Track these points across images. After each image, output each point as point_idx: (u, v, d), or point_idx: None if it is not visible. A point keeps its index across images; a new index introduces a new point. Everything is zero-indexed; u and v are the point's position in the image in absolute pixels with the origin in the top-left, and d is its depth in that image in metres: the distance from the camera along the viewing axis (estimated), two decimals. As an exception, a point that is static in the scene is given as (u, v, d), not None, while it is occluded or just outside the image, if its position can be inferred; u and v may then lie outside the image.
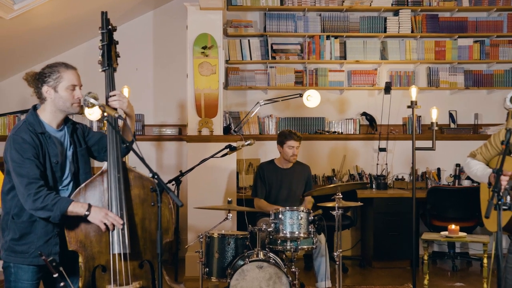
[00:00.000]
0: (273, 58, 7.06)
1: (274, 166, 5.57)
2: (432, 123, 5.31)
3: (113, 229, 2.98)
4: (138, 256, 3.08)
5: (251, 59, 7.05)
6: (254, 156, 7.02)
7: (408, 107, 5.33)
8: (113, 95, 3.19)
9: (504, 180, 3.30)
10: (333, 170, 7.10)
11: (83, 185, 3.07)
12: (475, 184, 6.89)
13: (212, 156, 4.83)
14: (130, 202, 3.09)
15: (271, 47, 7.07)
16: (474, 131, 7.23)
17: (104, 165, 3.11)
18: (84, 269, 3.02)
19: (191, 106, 6.25)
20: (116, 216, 2.98)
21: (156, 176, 2.78)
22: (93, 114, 6.47)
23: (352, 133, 7.15)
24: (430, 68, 7.19)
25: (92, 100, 3.03)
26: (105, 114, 3.07)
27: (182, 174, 4.74)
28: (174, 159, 7.14)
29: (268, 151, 6.95)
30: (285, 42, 7.14)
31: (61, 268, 2.81)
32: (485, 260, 5.19)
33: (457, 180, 6.98)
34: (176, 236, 6.74)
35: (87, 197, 3.04)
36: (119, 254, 3.00)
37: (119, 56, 3.34)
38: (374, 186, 6.93)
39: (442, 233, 5.25)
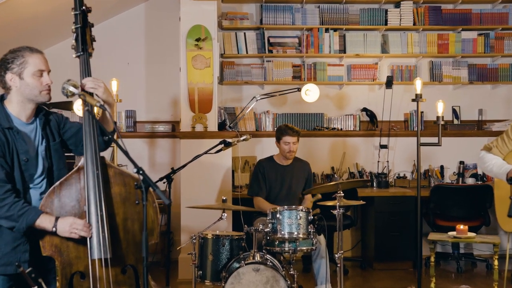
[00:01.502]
0: (270, 51, 6.79)
1: (274, 163, 5.32)
2: (438, 117, 5.05)
3: (90, 236, 2.71)
4: (120, 261, 2.81)
5: (247, 52, 6.78)
6: (250, 153, 6.76)
7: (413, 100, 5.08)
8: (87, 81, 2.86)
9: None
10: (332, 168, 6.84)
11: (57, 183, 2.79)
12: (479, 183, 6.66)
13: (205, 152, 4.56)
14: (111, 201, 2.82)
15: (268, 40, 6.81)
16: (478, 128, 6.97)
17: (81, 160, 2.83)
18: (60, 276, 2.74)
19: (184, 101, 5.98)
20: (85, 224, 2.70)
21: (141, 172, 2.51)
22: (81, 111, 6.20)
23: (352, 129, 6.89)
24: (432, 62, 6.93)
25: (71, 88, 2.76)
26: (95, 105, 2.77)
27: (173, 171, 4.48)
28: (167, 157, 6.87)
29: (265, 148, 6.69)
30: (282, 35, 6.87)
31: (40, 280, 2.54)
32: (495, 262, 4.92)
33: (461, 178, 6.72)
34: (168, 236, 6.48)
35: (62, 196, 2.77)
36: (99, 259, 2.73)
37: (94, 40, 3.06)
38: (375, 185, 6.67)
39: (450, 233, 4.99)
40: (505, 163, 3.68)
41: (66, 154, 3.08)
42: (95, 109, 2.91)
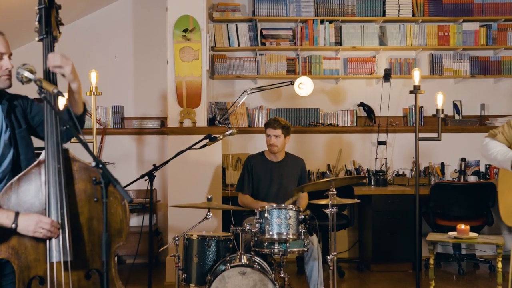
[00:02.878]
0: (263, 44, 6.52)
1: (264, 158, 5.04)
2: (437, 110, 4.77)
3: (56, 237, 2.44)
4: (84, 265, 2.53)
5: (238, 45, 6.51)
6: (242, 150, 6.49)
7: (411, 92, 4.80)
8: (54, 57, 2.57)
9: None
10: (328, 165, 6.56)
11: (15, 178, 2.51)
12: (482, 180, 6.38)
13: (189, 148, 4.28)
14: (74, 198, 2.54)
15: (261, 32, 6.53)
16: (480, 123, 6.69)
17: (42, 154, 2.55)
18: (17, 281, 2.47)
19: (171, 95, 5.71)
20: (52, 223, 2.42)
21: (100, 166, 2.23)
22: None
23: (348, 125, 6.61)
24: (432, 54, 6.65)
25: (26, 74, 2.48)
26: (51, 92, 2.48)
27: (155, 168, 4.20)
28: (156, 154, 6.59)
29: (258, 145, 6.40)
30: (275, 27, 6.60)
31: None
32: (499, 265, 4.64)
33: (462, 176, 6.45)
34: (150, 237, 6.22)
35: (20, 193, 2.49)
36: (59, 263, 2.45)
37: (61, 24, 2.76)
38: (372, 183, 6.40)
39: (450, 233, 4.70)
40: (510, 150, 3.39)
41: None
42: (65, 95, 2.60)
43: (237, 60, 6.56)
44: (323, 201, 4.24)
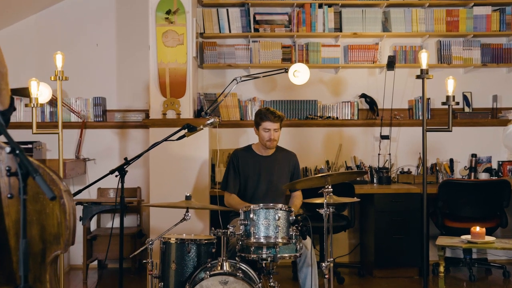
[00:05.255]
0: (256, 30, 6.01)
1: (252, 153, 4.53)
2: (447, 97, 4.25)
3: None
4: (9, 279, 2.02)
5: (230, 32, 6.00)
6: (234, 145, 5.95)
7: (418, 77, 4.28)
8: None
9: None
10: (327, 161, 6.04)
11: None
12: (494, 178, 5.87)
13: (165, 139, 3.78)
14: (-4, 195, 2.03)
15: (254, 17, 6.02)
16: (492, 116, 6.16)
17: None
18: None
19: (154, 84, 5.20)
20: None
21: (17, 152, 1.72)
22: (41, 96, 5.46)
23: (349, 118, 6.09)
24: (440, 41, 6.13)
25: None
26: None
27: (127, 162, 3.70)
28: (140, 149, 6.03)
29: (251, 139, 5.83)
30: (270, 12, 6.09)
31: None
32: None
33: (473, 173, 5.94)
34: (138, 239, 5.73)
35: None
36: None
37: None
38: (375, 180, 5.89)
39: (463, 237, 4.18)
40: None
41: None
42: None
43: (228, 47, 6.05)
44: (318, 200, 3.74)
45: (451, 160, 6.08)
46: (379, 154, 6.01)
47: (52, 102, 5.89)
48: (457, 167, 6.11)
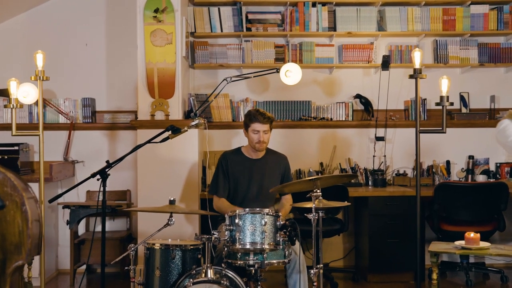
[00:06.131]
0: (249, 30, 5.88)
1: (241, 156, 4.40)
2: (441, 97, 4.12)
3: None
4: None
5: (221, 31, 5.88)
6: (226, 147, 5.78)
7: (411, 76, 4.15)
8: None
9: None
10: (321, 163, 5.91)
11: None
12: (492, 180, 5.74)
13: (148, 141, 3.66)
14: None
15: (246, 17, 5.89)
16: (490, 117, 6.03)
17: None
18: None
19: (142, 84, 5.09)
20: None
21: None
22: (27, 97, 5.34)
23: (343, 119, 5.95)
24: (437, 41, 5.99)
25: None
26: None
27: (109, 165, 3.58)
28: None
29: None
30: (262, 11, 5.96)
31: None
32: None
33: (470, 175, 5.80)
34: (127, 244, 5.59)
35: None
36: None
37: None
38: (370, 183, 5.75)
39: (457, 243, 4.04)
40: None
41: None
42: None
43: (220, 47, 5.92)
44: (308, 204, 3.61)
45: (448, 162, 5.95)
46: (374, 156, 5.88)
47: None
48: (454, 169, 5.98)
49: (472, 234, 3.98)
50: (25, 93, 5.27)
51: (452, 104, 4.45)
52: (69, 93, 5.91)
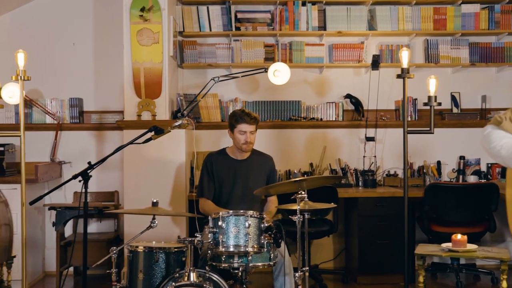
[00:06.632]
0: (238, 29, 5.82)
1: (226, 157, 4.34)
2: (429, 97, 4.07)
3: None
4: None
5: (210, 30, 5.82)
6: (215, 147, 5.66)
7: (398, 76, 4.10)
8: None
9: None
10: (311, 164, 5.85)
11: None
12: (483, 181, 5.69)
13: (130, 142, 3.60)
14: None
15: (235, 16, 5.84)
16: (481, 117, 5.97)
17: None
18: None
19: (128, 84, 5.02)
20: None
21: None
22: (13, 97, 5.30)
23: (334, 119, 5.90)
24: (428, 40, 5.95)
25: None
26: None
27: (91, 166, 3.51)
28: (118, 152, 5.81)
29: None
30: (252, 10, 5.90)
31: None
32: (504, 284, 3.91)
33: (461, 176, 5.75)
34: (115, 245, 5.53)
35: None
36: None
37: None
38: (360, 184, 5.70)
39: (444, 245, 3.99)
40: None
41: None
42: None
43: (209, 46, 5.86)
44: (295, 206, 3.55)
45: (439, 163, 5.90)
46: (364, 157, 5.83)
47: (27, 103, 5.71)
48: (445, 169, 5.93)
49: (459, 236, 3.93)
50: (11, 93, 5.24)
51: (440, 104, 4.40)
52: (56, 93, 5.85)
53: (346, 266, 5.78)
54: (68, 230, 5.76)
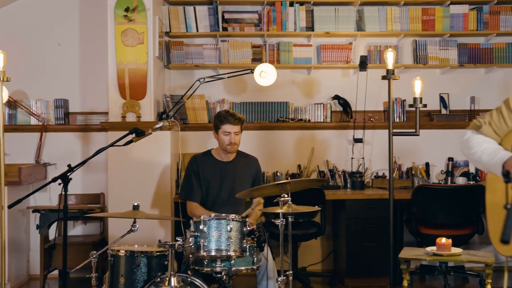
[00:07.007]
0: (225, 29, 5.78)
1: (211, 158, 4.29)
2: (415, 98, 4.04)
3: None
4: None
5: (197, 31, 5.77)
6: (202, 149, 5.56)
7: (383, 77, 4.06)
8: None
9: None
10: (299, 166, 5.81)
11: None
12: (471, 183, 5.65)
13: (111, 145, 3.55)
14: None
15: (222, 16, 5.79)
16: (470, 118, 5.92)
17: None
18: None
19: (112, 85, 4.97)
20: None
21: None
22: None
23: (322, 121, 5.86)
24: (416, 41, 5.91)
25: None
26: None
27: (71, 169, 3.45)
28: (104, 154, 5.77)
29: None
30: (239, 10, 5.86)
31: None
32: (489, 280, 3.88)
33: (450, 178, 5.71)
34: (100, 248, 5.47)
35: None
36: None
37: None
38: (348, 185, 5.66)
39: (429, 249, 3.94)
40: (500, 148, 2.49)
41: None
42: None
43: (196, 47, 5.82)
44: (278, 209, 3.50)
45: (427, 164, 5.87)
46: (352, 158, 5.79)
47: (11, 104, 5.64)
48: (434, 171, 5.89)
49: (443, 240, 3.88)
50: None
51: (425, 106, 4.36)
52: (41, 94, 5.79)
53: (334, 269, 5.74)
54: (53, 232, 5.68)
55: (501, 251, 2.47)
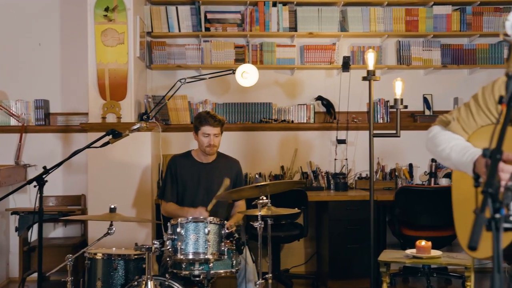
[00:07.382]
0: (207, 30, 5.73)
1: (191, 159, 4.24)
2: (395, 100, 4.01)
3: None
4: None
5: (179, 31, 5.71)
6: (184, 150, 5.63)
7: (364, 78, 4.04)
8: None
9: (505, 171, 1.93)
10: (282, 167, 5.77)
11: None
12: (454, 184, 5.62)
13: (88, 146, 3.51)
14: None
15: (205, 16, 5.74)
16: (453, 119, 5.92)
17: None
18: None
19: (92, 86, 4.90)
20: None
21: None
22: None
23: (305, 121, 5.83)
24: (400, 42, 5.90)
25: None
26: None
27: (46, 171, 3.39)
28: (85, 155, 5.70)
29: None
30: (222, 10, 5.81)
31: None
32: (469, 283, 3.87)
33: (433, 179, 5.70)
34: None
35: None
36: None
37: None
38: (332, 187, 5.63)
39: (409, 251, 3.91)
40: (469, 146, 2.32)
41: None
42: None
43: (178, 47, 5.76)
44: (257, 212, 3.46)
45: (410, 165, 5.85)
46: (335, 159, 5.76)
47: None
48: (417, 172, 5.88)
49: (423, 243, 3.86)
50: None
51: (406, 107, 4.34)
52: (21, 95, 5.70)
53: (317, 270, 5.70)
54: (34, 235, 5.60)
55: (470, 253, 2.40)
